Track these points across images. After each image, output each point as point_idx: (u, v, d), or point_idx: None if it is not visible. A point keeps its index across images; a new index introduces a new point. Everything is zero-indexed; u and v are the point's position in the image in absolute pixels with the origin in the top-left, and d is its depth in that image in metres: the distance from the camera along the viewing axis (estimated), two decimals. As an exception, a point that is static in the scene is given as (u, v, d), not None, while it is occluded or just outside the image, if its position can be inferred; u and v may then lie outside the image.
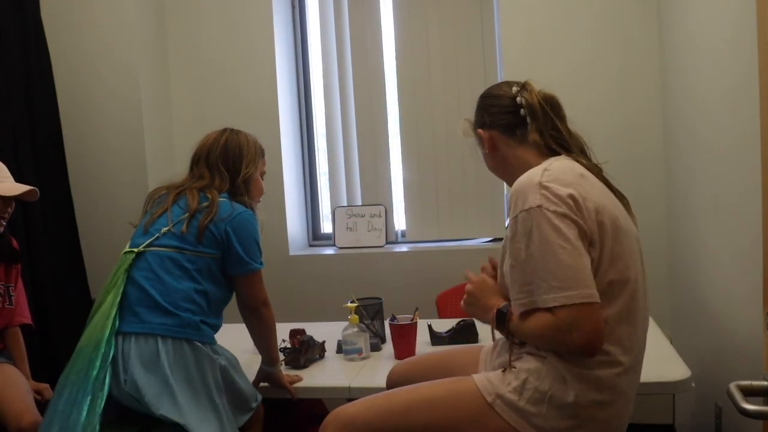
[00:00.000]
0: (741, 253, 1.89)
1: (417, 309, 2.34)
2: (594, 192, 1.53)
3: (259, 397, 2.07)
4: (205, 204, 2.00)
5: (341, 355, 2.30)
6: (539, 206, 1.46)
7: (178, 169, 3.50)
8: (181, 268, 1.95)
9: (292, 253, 3.50)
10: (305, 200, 3.73)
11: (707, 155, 2.28)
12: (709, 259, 2.30)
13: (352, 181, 3.62)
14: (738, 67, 1.85)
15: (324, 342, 2.32)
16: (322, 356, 2.30)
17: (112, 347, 1.85)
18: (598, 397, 1.49)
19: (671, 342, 2.27)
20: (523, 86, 1.70)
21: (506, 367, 1.59)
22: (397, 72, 3.51)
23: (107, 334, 1.85)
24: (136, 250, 1.97)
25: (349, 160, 3.62)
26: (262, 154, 2.20)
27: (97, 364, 1.82)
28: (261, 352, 2.11)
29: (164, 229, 1.98)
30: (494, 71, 3.38)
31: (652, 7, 3.05)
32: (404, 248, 3.50)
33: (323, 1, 3.58)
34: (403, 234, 3.62)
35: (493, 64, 3.38)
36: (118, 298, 1.90)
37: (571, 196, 1.47)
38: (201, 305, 1.96)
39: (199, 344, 1.92)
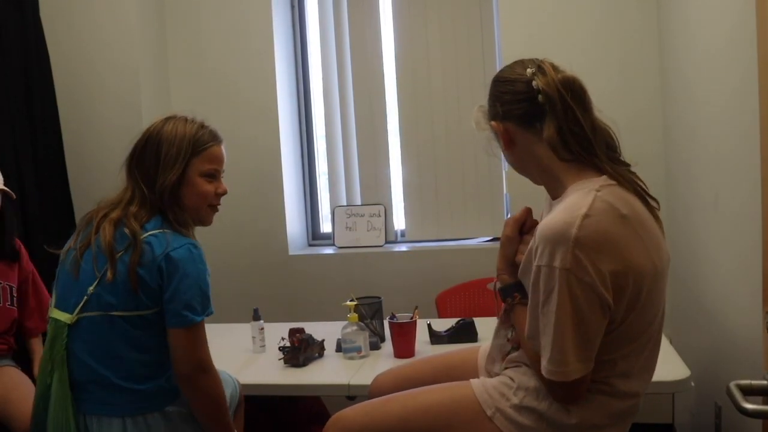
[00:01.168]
0: (741, 253, 1.89)
1: (416, 307, 2.34)
2: (633, 247, 1.36)
3: (237, 393, 1.98)
4: (124, 246, 1.64)
5: (340, 353, 2.30)
6: (567, 270, 1.31)
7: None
8: (125, 335, 1.65)
9: (291, 252, 3.50)
10: (305, 200, 3.72)
11: (707, 155, 2.28)
12: (709, 258, 2.30)
13: (351, 180, 3.62)
14: (738, 68, 1.85)
15: (323, 341, 2.32)
16: (321, 355, 2.30)
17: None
18: (599, 422, 1.48)
19: (671, 341, 2.28)
20: (539, 67, 1.45)
21: (500, 373, 1.60)
22: (396, 72, 3.51)
23: (71, 422, 1.65)
24: (68, 319, 1.66)
25: (348, 159, 3.62)
26: (199, 149, 1.75)
27: None
28: None
29: (91, 289, 1.65)
30: (494, 71, 3.36)
31: (651, 8, 3.05)
32: (404, 248, 3.50)
33: (323, 1, 3.58)
34: (403, 233, 3.62)
35: (493, 64, 3.38)
36: (66, 378, 1.65)
37: (606, 261, 1.32)
38: (159, 365, 1.69)
39: (170, 409, 1.69)
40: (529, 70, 1.46)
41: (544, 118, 1.43)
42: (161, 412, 1.68)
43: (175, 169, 1.71)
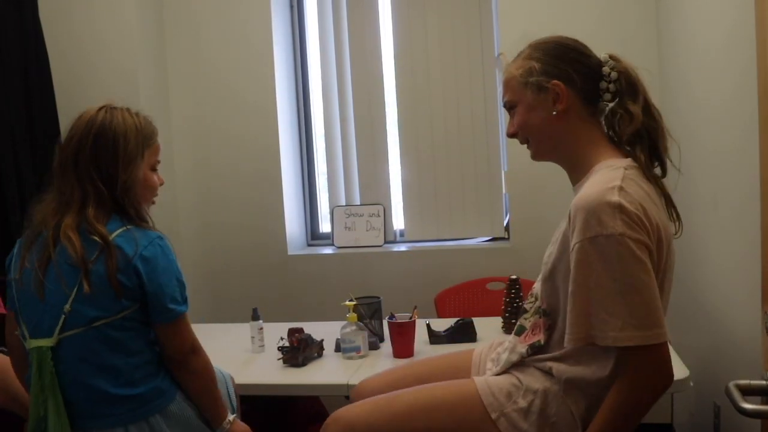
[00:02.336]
0: (740, 253, 1.89)
1: (416, 307, 2.34)
2: (655, 209, 1.42)
3: (231, 386, 1.95)
4: (96, 254, 1.56)
5: (340, 353, 2.30)
6: (622, 234, 1.31)
7: (177, 171, 3.55)
8: (113, 342, 1.60)
9: (290, 252, 3.50)
10: (304, 200, 3.72)
11: (706, 155, 2.28)
12: (708, 258, 2.30)
13: (350, 180, 3.62)
14: (736, 68, 1.85)
15: (322, 340, 2.32)
16: (320, 354, 2.30)
17: None
18: None
19: (669, 341, 2.28)
20: (612, 56, 1.51)
21: (508, 370, 1.57)
22: (395, 72, 3.51)
23: None
24: (49, 343, 1.58)
25: (347, 159, 3.62)
26: (149, 141, 1.70)
27: None
28: (202, 411, 1.73)
29: (67, 307, 1.57)
30: (493, 71, 3.38)
31: (650, 9, 3.05)
32: (403, 248, 3.50)
33: (322, 2, 3.58)
34: (402, 233, 3.62)
35: (492, 63, 3.38)
36: (62, 404, 1.58)
37: (646, 218, 1.36)
38: (152, 365, 1.66)
39: (171, 408, 1.67)
40: (605, 55, 1.51)
41: (599, 104, 1.50)
42: (162, 412, 1.65)
43: (137, 163, 1.65)
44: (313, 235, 3.77)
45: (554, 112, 1.50)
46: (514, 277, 2.48)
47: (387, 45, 3.53)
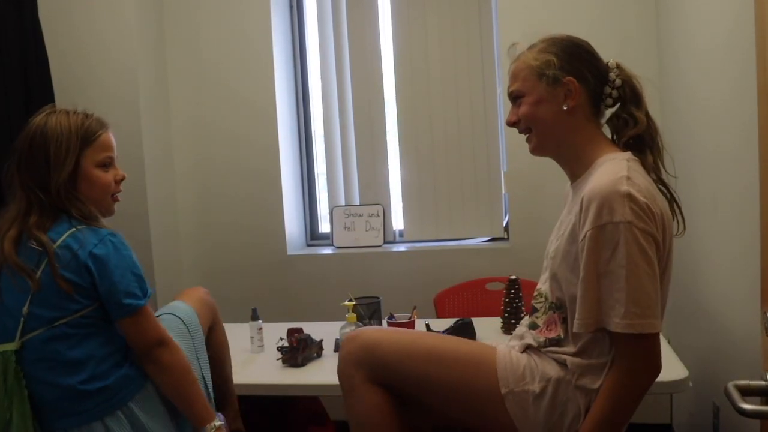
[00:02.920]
0: (739, 253, 1.89)
1: (415, 307, 2.34)
2: (660, 200, 1.48)
3: (195, 320, 1.93)
4: (36, 256, 1.60)
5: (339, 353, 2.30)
6: (629, 222, 1.37)
7: (176, 170, 3.55)
8: (76, 340, 1.61)
9: (290, 252, 3.50)
10: (303, 200, 3.72)
11: (705, 155, 2.28)
12: (708, 258, 2.30)
13: (350, 180, 3.62)
14: (736, 67, 1.85)
15: (322, 341, 2.32)
16: (319, 355, 2.30)
17: None
18: None
19: (669, 341, 2.28)
20: (618, 65, 1.59)
21: (527, 351, 1.60)
22: (394, 72, 3.50)
23: None
24: (12, 347, 1.59)
25: (347, 159, 3.62)
26: (89, 139, 1.69)
27: None
28: (181, 410, 1.73)
29: (25, 309, 1.60)
30: (492, 72, 3.38)
31: (650, 8, 3.05)
32: (402, 248, 3.50)
33: (321, 2, 3.58)
34: (401, 234, 3.61)
35: (491, 64, 3.38)
36: (28, 409, 1.58)
37: (654, 210, 1.42)
38: (117, 354, 1.67)
39: (143, 393, 1.68)
40: (610, 61, 1.59)
41: (601, 107, 1.57)
42: (134, 400, 1.65)
43: (67, 165, 1.64)
44: (313, 236, 3.77)
45: (565, 107, 1.53)
46: (513, 277, 2.48)
47: (386, 45, 3.53)
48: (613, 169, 1.45)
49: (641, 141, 1.56)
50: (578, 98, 1.54)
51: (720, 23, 2.05)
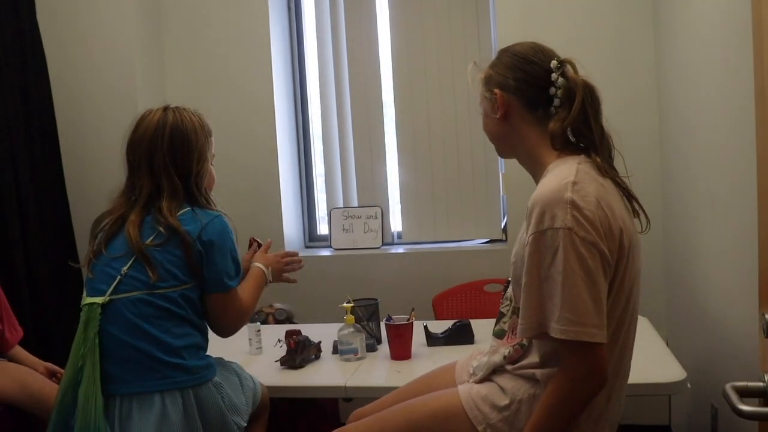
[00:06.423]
0: (737, 254, 1.89)
1: (413, 309, 2.34)
2: (615, 206, 1.43)
3: (259, 392, 1.99)
4: (159, 241, 1.72)
5: (337, 355, 2.30)
6: (569, 229, 1.35)
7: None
8: (162, 310, 1.72)
9: (288, 254, 3.49)
10: (301, 201, 3.72)
11: (703, 152, 2.28)
12: (706, 259, 2.30)
13: (348, 182, 3.62)
14: (734, 62, 1.86)
15: (320, 342, 2.32)
16: (318, 356, 2.30)
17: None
18: (583, 420, 1.47)
19: (667, 343, 2.28)
20: (563, 62, 1.51)
21: (490, 378, 1.59)
22: (393, 73, 3.51)
23: (100, 406, 1.65)
24: (100, 300, 1.71)
25: (345, 161, 3.62)
26: (210, 136, 1.88)
27: None
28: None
29: (125, 269, 1.72)
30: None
31: (647, 8, 3.05)
32: (400, 250, 3.50)
33: (319, 2, 3.58)
34: (399, 235, 3.62)
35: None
36: (98, 361, 1.67)
37: (601, 220, 1.37)
38: (196, 338, 1.78)
39: (203, 388, 1.75)
40: (554, 62, 1.51)
41: (549, 109, 1.51)
42: (197, 388, 1.73)
43: (206, 157, 1.83)
44: (311, 237, 3.77)
45: (497, 116, 1.57)
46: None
47: (384, 47, 3.53)
48: (561, 174, 1.43)
49: (588, 142, 1.51)
50: (507, 107, 1.54)
51: (717, 17, 2.05)
